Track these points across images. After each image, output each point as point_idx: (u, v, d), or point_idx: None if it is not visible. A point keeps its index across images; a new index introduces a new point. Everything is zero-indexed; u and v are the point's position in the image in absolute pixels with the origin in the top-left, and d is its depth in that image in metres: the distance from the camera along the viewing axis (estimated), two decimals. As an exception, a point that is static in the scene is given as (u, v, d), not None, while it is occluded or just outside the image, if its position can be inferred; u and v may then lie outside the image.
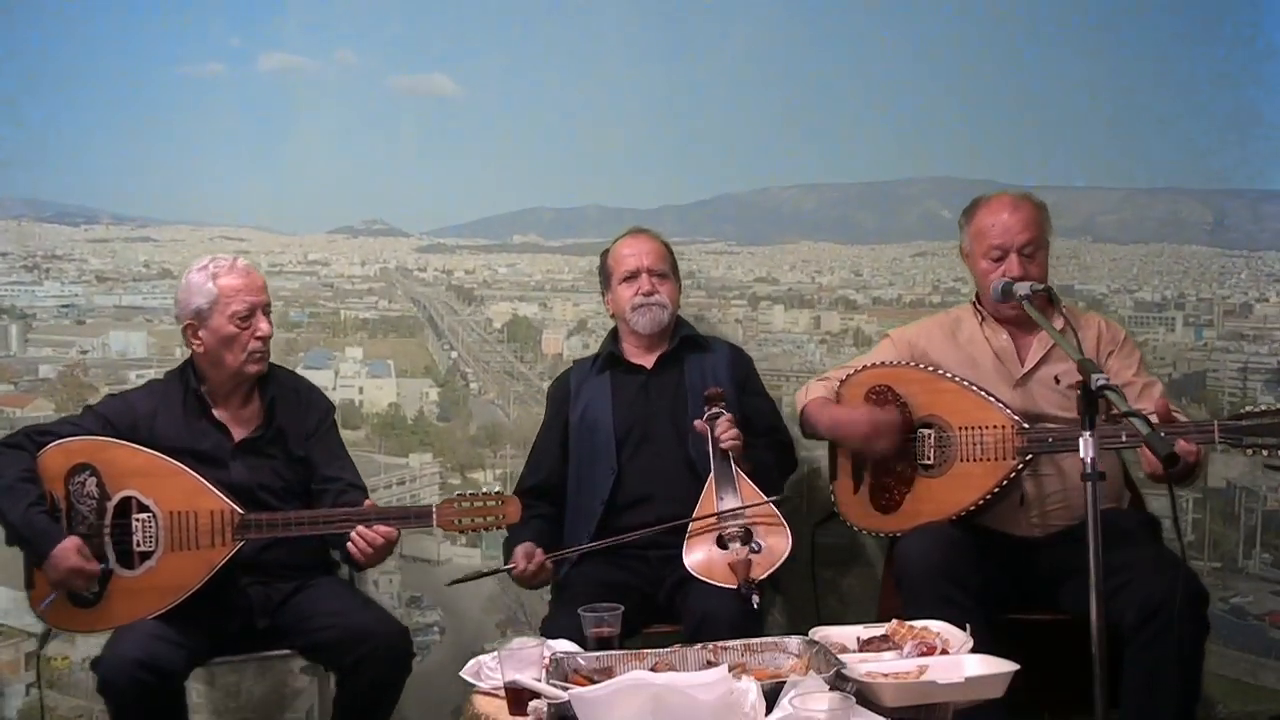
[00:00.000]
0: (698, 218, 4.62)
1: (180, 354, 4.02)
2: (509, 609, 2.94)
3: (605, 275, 3.95)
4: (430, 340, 4.52)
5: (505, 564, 3.55)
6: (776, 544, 3.37)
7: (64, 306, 4.36)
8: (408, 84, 4.47)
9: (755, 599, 3.22)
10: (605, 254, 3.98)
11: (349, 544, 3.29)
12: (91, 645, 3.87)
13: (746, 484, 3.48)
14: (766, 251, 4.62)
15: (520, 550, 3.52)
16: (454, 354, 4.51)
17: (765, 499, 3.44)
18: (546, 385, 4.10)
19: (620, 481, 3.70)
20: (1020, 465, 3.43)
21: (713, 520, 3.41)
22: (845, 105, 4.50)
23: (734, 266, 4.59)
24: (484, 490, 3.37)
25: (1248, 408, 3.39)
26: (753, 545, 3.35)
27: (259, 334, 3.46)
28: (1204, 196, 4.62)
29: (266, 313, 3.50)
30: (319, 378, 4.07)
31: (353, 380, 4.37)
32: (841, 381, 3.75)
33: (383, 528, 3.28)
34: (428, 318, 4.53)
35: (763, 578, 3.29)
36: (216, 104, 4.37)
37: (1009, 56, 4.45)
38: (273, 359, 3.60)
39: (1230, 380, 4.37)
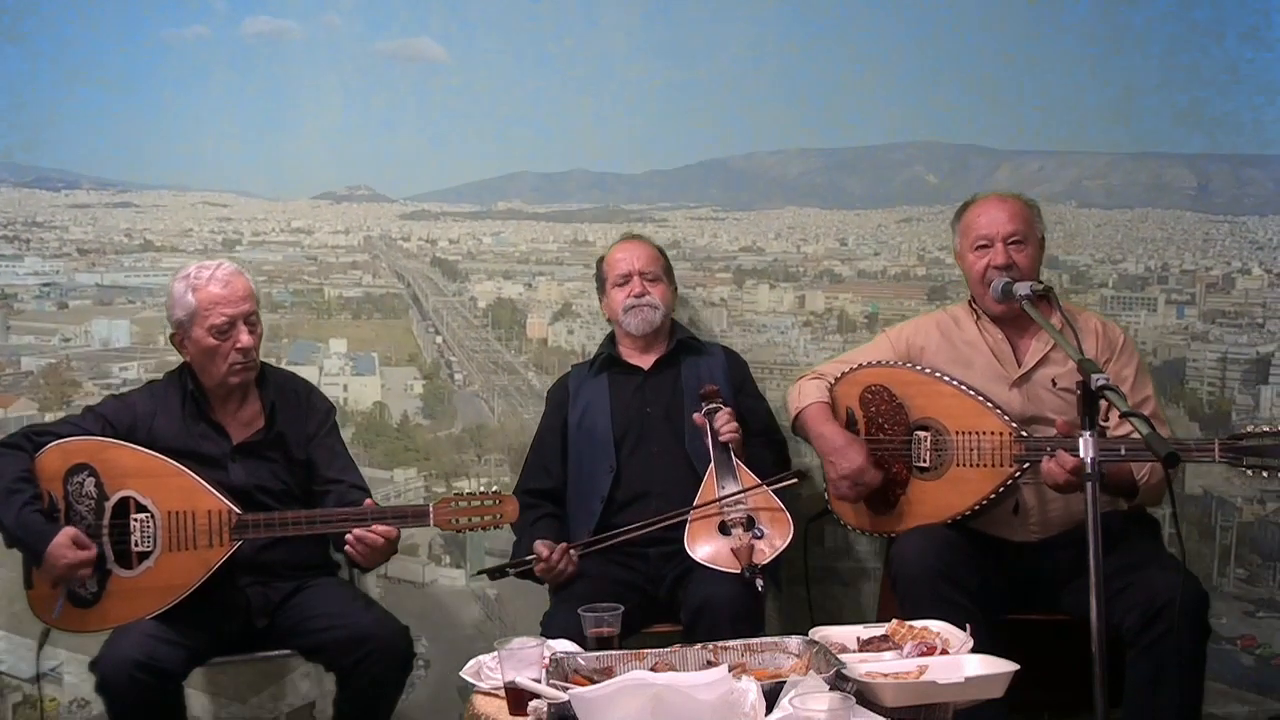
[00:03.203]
0: (683, 183, 4.59)
1: (163, 343, 4.01)
2: (497, 638, 2.99)
3: (600, 281, 4.04)
4: (415, 323, 4.50)
5: (522, 560, 3.58)
6: (779, 531, 3.46)
7: (45, 285, 4.32)
8: (393, 48, 4.41)
9: (759, 582, 3.29)
10: (600, 261, 4.07)
11: (346, 546, 3.31)
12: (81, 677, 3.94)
13: (747, 473, 3.56)
14: (752, 218, 4.60)
15: (540, 544, 3.56)
16: (439, 339, 4.50)
17: (766, 484, 3.52)
18: (531, 376, 4.16)
19: (618, 480, 3.78)
20: (1017, 472, 3.46)
21: (715, 508, 3.48)
22: (832, 70, 4.45)
23: (719, 234, 4.58)
24: (481, 490, 3.39)
25: (1249, 427, 3.42)
26: (755, 531, 3.43)
27: (239, 345, 3.42)
28: (1188, 161, 4.61)
29: (250, 322, 3.45)
30: (302, 374, 4.05)
31: (337, 378, 4.33)
32: (836, 379, 3.77)
33: (381, 528, 3.29)
34: (412, 296, 4.50)
35: (766, 562, 3.36)
36: (200, 67, 4.31)
37: (994, 21, 4.41)
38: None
39: (1210, 371, 4.39)
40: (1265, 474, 3.30)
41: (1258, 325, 4.41)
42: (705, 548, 3.43)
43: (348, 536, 3.30)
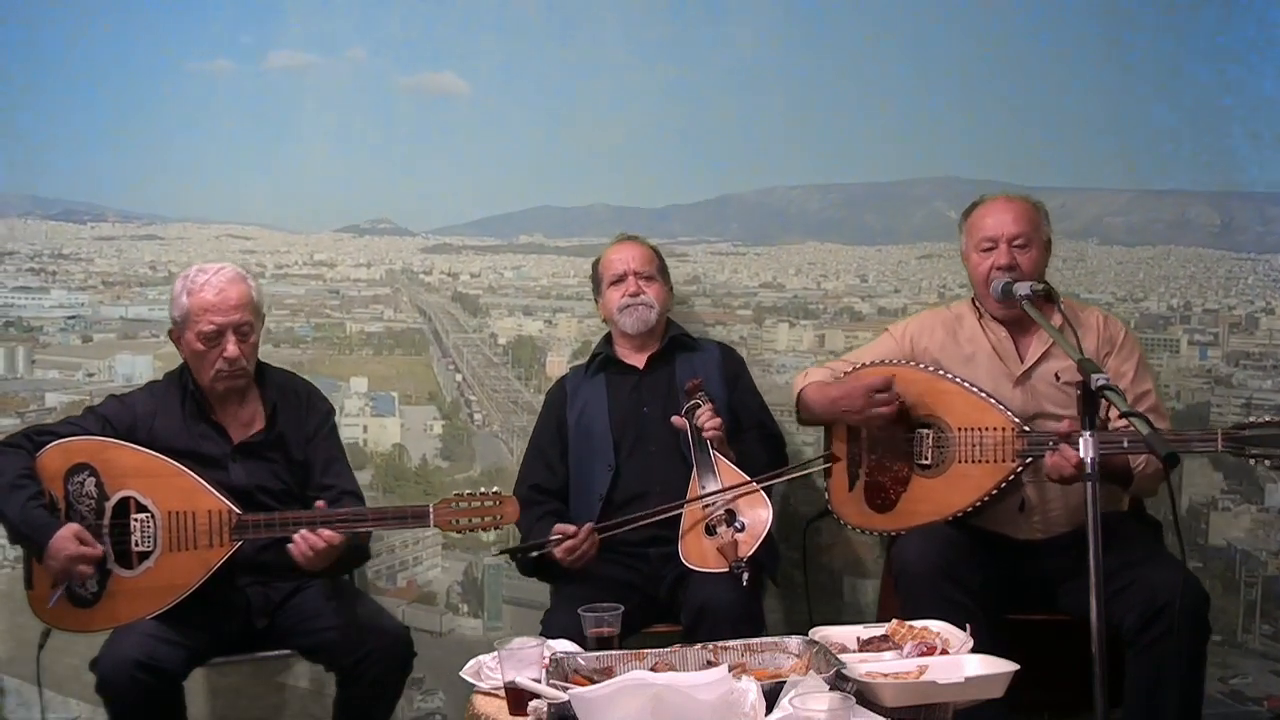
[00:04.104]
0: (703, 217, 4.61)
1: (185, 373, 4.07)
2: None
3: (596, 282, 4.07)
4: (435, 359, 4.51)
5: (543, 541, 3.58)
6: (758, 517, 3.47)
7: (70, 318, 4.36)
8: (416, 83, 4.45)
9: (745, 576, 3.31)
10: (596, 263, 4.09)
11: (290, 545, 3.28)
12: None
13: (725, 466, 3.56)
14: (772, 253, 4.61)
15: (560, 526, 3.57)
16: (459, 376, 4.51)
17: (747, 479, 3.52)
18: (551, 417, 4.17)
19: (618, 479, 3.79)
20: (1020, 468, 3.46)
21: (701, 512, 3.49)
22: (852, 105, 4.48)
23: (739, 270, 4.59)
24: (481, 490, 3.38)
25: (1251, 418, 3.42)
26: (736, 525, 3.44)
27: (225, 355, 3.41)
28: (1211, 198, 4.60)
29: (241, 332, 3.43)
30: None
31: (357, 419, 4.35)
32: (842, 376, 3.76)
33: (326, 532, 3.26)
34: (433, 332, 4.52)
35: (751, 553, 3.37)
36: (224, 101, 4.36)
37: (1015, 57, 4.43)
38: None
39: (1234, 417, 4.34)
40: (1268, 463, 3.29)
41: (1280, 370, 4.41)
42: (696, 553, 3.45)
43: (295, 537, 3.27)
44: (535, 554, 3.61)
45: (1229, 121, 4.44)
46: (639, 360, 3.96)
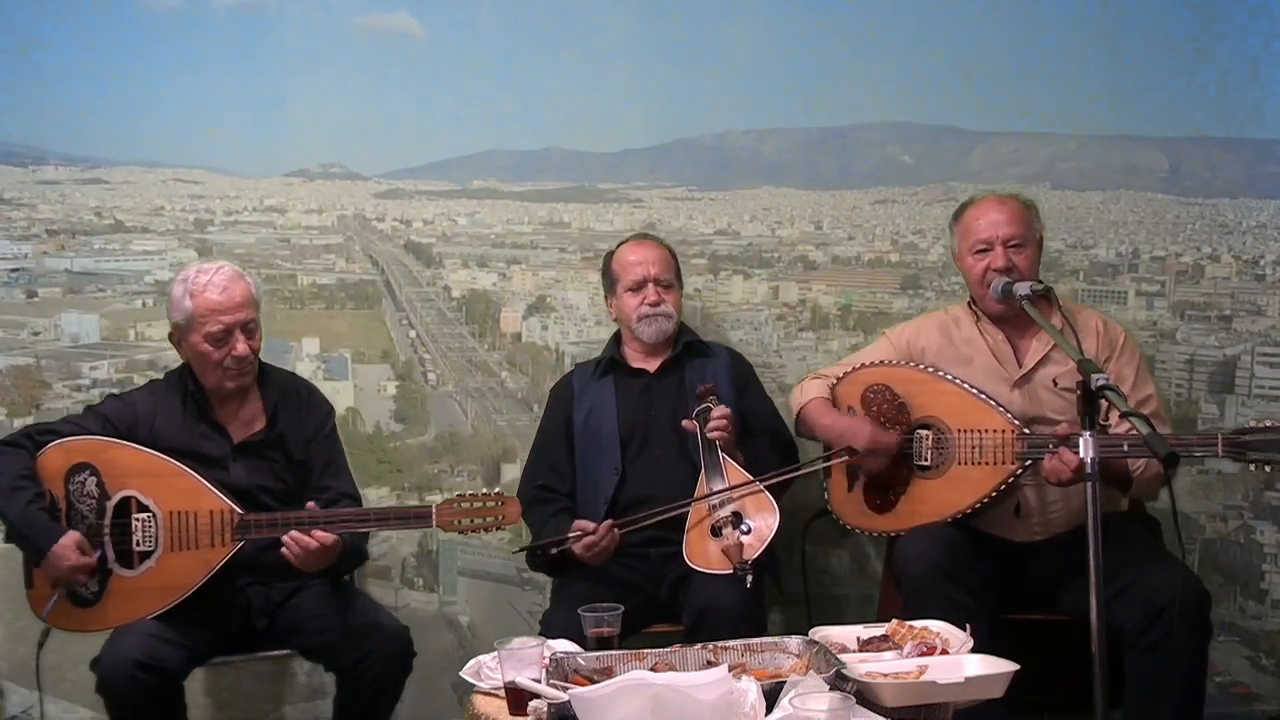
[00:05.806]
0: (658, 161, 4.58)
1: (133, 338, 4.02)
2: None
3: (610, 280, 3.98)
4: (388, 314, 4.47)
5: (563, 538, 3.58)
6: (765, 522, 3.47)
7: (14, 271, 4.25)
8: (370, 22, 4.38)
9: (749, 579, 3.32)
10: (609, 257, 4.00)
11: (282, 548, 3.28)
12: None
13: (733, 468, 3.56)
14: (727, 198, 4.60)
15: (580, 522, 3.57)
16: (412, 333, 4.47)
17: (753, 480, 3.52)
18: (505, 376, 4.12)
19: (624, 482, 3.77)
20: (1019, 470, 3.46)
21: (707, 514, 3.49)
22: (808, 48, 4.46)
23: (694, 215, 4.57)
24: (483, 491, 3.38)
25: (1251, 422, 3.42)
26: (742, 528, 3.44)
27: (235, 354, 3.38)
28: (1161, 144, 4.63)
29: (247, 329, 3.40)
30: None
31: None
32: (838, 379, 3.77)
33: (319, 533, 3.25)
34: (386, 284, 4.47)
35: (755, 557, 3.38)
36: (172, 39, 4.27)
37: (967, 3, 4.43)
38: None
39: (1178, 373, 4.43)
40: (1269, 468, 3.32)
41: (1225, 320, 4.45)
42: (700, 554, 3.45)
43: (284, 538, 3.27)
44: (555, 550, 3.59)
45: (1179, 67, 4.46)
46: (650, 365, 3.92)
